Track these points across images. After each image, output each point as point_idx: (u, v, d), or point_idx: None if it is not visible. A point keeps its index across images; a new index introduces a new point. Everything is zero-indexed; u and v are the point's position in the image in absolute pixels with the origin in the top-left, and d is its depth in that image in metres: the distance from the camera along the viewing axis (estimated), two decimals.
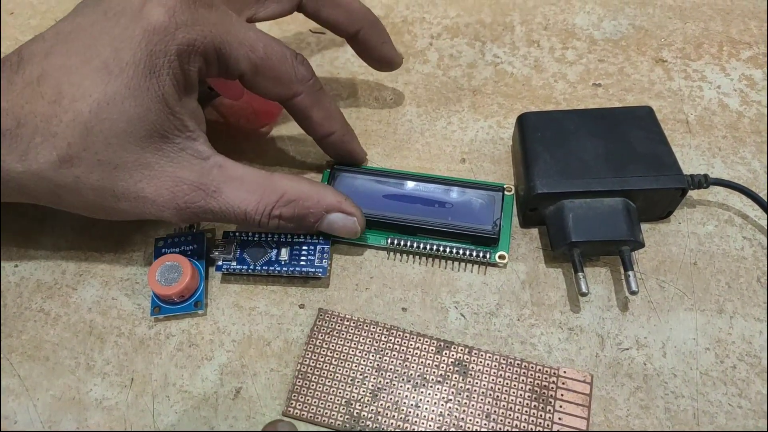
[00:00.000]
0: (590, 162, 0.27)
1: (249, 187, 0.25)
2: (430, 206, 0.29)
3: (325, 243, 0.27)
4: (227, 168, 0.25)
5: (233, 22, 0.25)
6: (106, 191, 0.24)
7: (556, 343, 0.26)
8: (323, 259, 0.27)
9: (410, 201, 0.29)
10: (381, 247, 0.29)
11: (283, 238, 0.28)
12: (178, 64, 0.23)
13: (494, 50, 0.36)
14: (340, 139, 0.29)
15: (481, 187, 0.29)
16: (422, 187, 0.30)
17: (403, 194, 0.29)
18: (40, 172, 0.23)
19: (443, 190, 0.29)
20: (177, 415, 0.25)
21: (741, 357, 0.25)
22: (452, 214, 0.28)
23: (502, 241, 0.28)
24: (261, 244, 0.27)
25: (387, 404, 0.24)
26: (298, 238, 0.28)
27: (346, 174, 0.30)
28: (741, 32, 0.36)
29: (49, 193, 0.24)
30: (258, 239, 0.28)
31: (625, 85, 0.34)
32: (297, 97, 0.27)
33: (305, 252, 0.27)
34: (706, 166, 0.31)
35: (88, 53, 0.23)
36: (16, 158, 0.23)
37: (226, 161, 0.25)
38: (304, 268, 0.27)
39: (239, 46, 0.25)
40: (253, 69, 0.26)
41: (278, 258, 0.27)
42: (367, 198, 0.29)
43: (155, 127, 0.23)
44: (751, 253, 0.28)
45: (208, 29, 0.24)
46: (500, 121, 0.33)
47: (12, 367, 0.26)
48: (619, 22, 0.37)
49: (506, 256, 0.28)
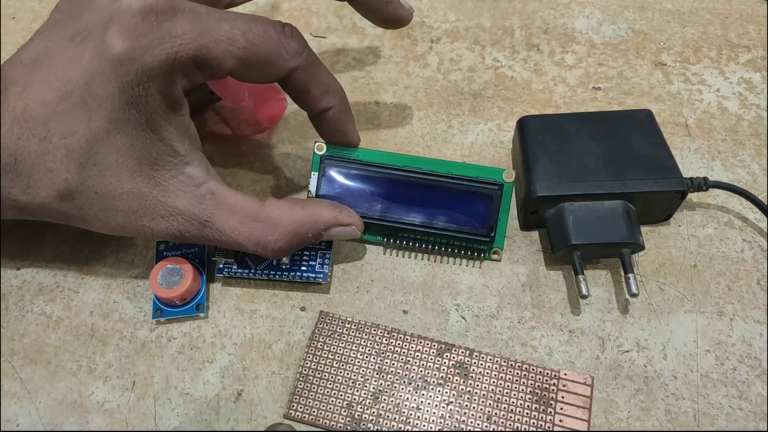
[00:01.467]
0: (590, 165, 0.27)
1: (241, 217, 0.24)
2: (424, 207, 0.28)
3: (326, 249, 0.28)
4: (220, 195, 0.24)
5: (203, 21, 0.23)
6: (110, 220, 0.24)
7: (556, 346, 0.26)
8: (324, 264, 0.27)
9: (403, 201, 0.28)
10: (376, 242, 0.29)
11: None
12: (155, 89, 0.22)
13: (494, 54, 0.37)
14: (337, 117, 0.27)
15: (479, 183, 0.27)
16: (416, 183, 0.28)
17: (397, 193, 0.28)
18: (45, 205, 0.23)
19: (438, 188, 0.28)
20: (179, 418, 0.25)
21: (741, 359, 0.25)
22: (447, 215, 0.27)
23: (498, 237, 0.28)
24: None
25: (388, 407, 0.24)
26: None
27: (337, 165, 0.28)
28: (740, 36, 0.37)
29: (60, 218, 0.24)
30: None
31: (625, 88, 0.34)
32: (292, 73, 0.25)
33: (306, 257, 0.27)
34: (705, 169, 0.31)
35: (64, 88, 0.22)
36: (20, 192, 0.23)
37: (219, 187, 0.24)
38: (305, 274, 0.27)
39: (216, 44, 0.23)
40: (240, 63, 0.24)
41: (280, 263, 0.27)
42: (360, 196, 0.28)
43: (144, 156, 0.23)
44: (750, 255, 0.28)
45: (177, 42, 0.22)
46: (500, 124, 0.33)
47: (14, 370, 0.26)
48: (618, 26, 0.37)
49: (500, 252, 0.28)
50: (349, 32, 0.38)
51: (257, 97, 0.32)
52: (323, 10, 0.39)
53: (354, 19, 0.38)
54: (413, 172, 0.28)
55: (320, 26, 0.38)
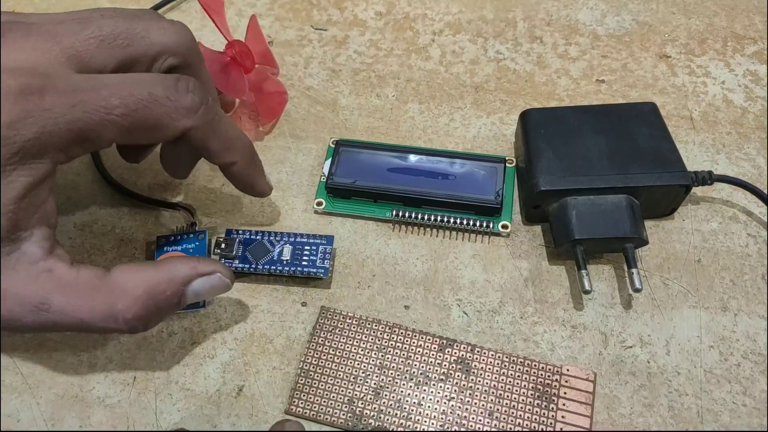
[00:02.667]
0: (594, 159, 0.27)
1: (82, 291, 0.21)
2: (434, 178, 0.29)
3: (327, 244, 0.27)
4: (57, 272, 0.21)
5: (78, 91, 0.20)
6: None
7: (559, 341, 0.26)
8: (325, 259, 0.27)
9: (414, 174, 0.30)
10: (386, 219, 0.29)
11: (285, 238, 0.28)
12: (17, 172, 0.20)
13: (497, 46, 0.36)
14: (242, 172, 0.26)
15: (483, 159, 0.30)
16: (425, 159, 0.30)
17: (407, 167, 0.30)
18: None
19: (446, 163, 0.30)
20: (179, 413, 0.25)
21: (745, 355, 0.25)
22: (455, 185, 0.29)
23: (505, 211, 0.29)
24: (263, 244, 0.28)
25: (389, 402, 0.24)
26: (301, 238, 0.28)
27: (351, 149, 0.31)
28: (745, 27, 0.36)
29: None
30: (260, 238, 0.28)
31: (629, 81, 0.34)
32: (187, 133, 0.23)
33: (308, 252, 0.27)
34: (710, 163, 0.31)
35: None
36: None
37: (57, 264, 0.21)
38: (305, 269, 0.27)
39: (91, 115, 0.20)
40: (122, 131, 0.21)
41: (281, 257, 0.27)
42: (372, 171, 0.30)
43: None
44: (755, 250, 0.28)
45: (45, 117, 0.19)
46: (503, 117, 0.33)
47: (15, 364, 0.26)
48: (622, 18, 0.37)
49: (509, 225, 0.28)
50: (350, 25, 0.37)
51: (258, 90, 0.32)
52: (324, 2, 0.38)
53: (355, 11, 0.38)
54: (424, 151, 0.30)
55: (321, 19, 0.38)
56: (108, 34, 0.22)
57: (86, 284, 0.21)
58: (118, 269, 0.22)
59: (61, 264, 0.21)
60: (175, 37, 0.23)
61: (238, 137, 0.25)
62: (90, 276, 0.21)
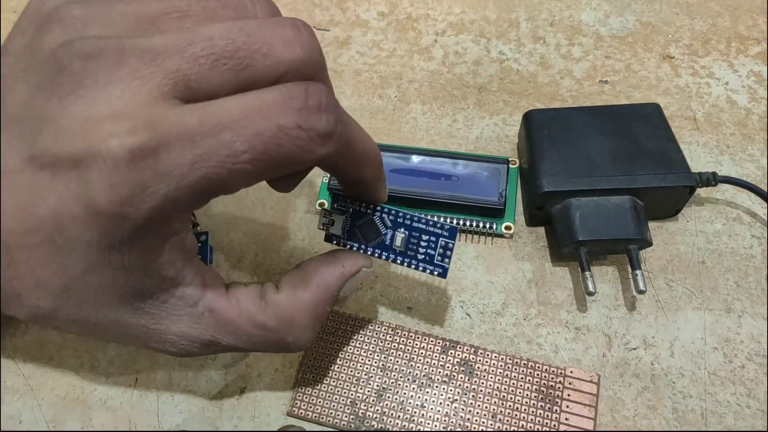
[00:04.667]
0: (597, 160, 0.27)
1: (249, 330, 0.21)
2: (436, 179, 0.29)
3: (449, 238, 0.23)
4: (218, 311, 0.21)
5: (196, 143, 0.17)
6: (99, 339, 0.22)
7: (562, 343, 0.26)
8: (445, 257, 0.23)
9: (416, 175, 0.30)
10: None
11: (400, 219, 0.23)
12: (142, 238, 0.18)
13: (500, 47, 0.36)
14: (369, 185, 0.22)
15: (486, 160, 0.30)
16: (428, 160, 0.30)
17: (410, 168, 0.30)
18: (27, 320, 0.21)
19: (449, 164, 0.30)
20: (181, 415, 0.25)
21: (749, 357, 0.25)
22: (458, 186, 0.29)
23: (508, 212, 0.29)
24: (374, 223, 0.23)
25: (392, 404, 0.24)
26: (418, 223, 0.23)
27: None
28: (749, 28, 0.36)
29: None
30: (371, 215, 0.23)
31: (632, 81, 0.34)
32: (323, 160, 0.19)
33: (425, 244, 0.23)
34: (714, 164, 0.30)
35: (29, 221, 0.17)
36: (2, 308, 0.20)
37: (215, 300, 0.21)
38: (420, 264, 0.23)
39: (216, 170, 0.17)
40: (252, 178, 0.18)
41: (393, 244, 0.23)
42: None
43: (127, 291, 0.19)
44: (759, 251, 0.28)
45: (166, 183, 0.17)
46: (506, 118, 0.33)
47: (16, 366, 0.26)
48: (625, 18, 0.37)
49: (512, 226, 0.28)
50: (353, 25, 0.37)
51: None
52: (326, 2, 0.38)
53: (358, 11, 0.38)
54: (427, 152, 0.30)
55: (323, 19, 0.37)
56: (221, 52, 0.18)
57: (252, 322, 0.21)
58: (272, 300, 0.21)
59: (219, 299, 0.21)
60: (301, 53, 0.19)
61: (370, 149, 0.21)
62: (252, 310, 0.21)
